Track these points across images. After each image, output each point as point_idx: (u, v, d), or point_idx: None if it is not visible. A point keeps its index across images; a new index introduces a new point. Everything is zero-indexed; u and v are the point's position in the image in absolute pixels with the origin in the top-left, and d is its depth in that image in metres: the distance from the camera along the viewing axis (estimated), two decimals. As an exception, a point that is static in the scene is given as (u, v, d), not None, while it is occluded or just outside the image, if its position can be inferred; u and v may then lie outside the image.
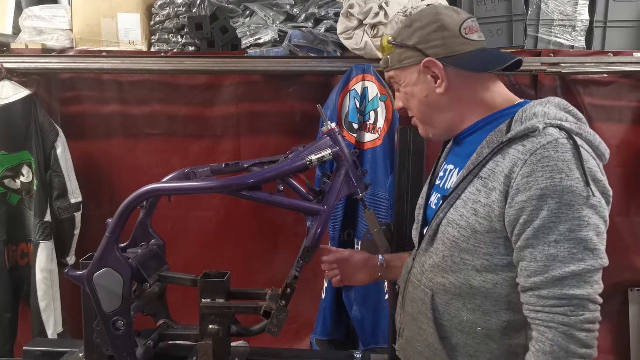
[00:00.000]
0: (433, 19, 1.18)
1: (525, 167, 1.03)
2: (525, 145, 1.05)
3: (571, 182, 1.00)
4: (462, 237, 1.12)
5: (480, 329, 1.14)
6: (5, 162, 2.41)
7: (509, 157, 1.07)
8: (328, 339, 2.41)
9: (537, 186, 1.01)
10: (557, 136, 1.04)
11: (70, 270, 1.48)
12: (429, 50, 1.17)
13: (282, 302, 1.49)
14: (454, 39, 1.17)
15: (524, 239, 1.04)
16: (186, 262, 2.34)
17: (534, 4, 2.38)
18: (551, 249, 1.00)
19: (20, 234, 2.49)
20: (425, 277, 1.23)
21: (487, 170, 1.10)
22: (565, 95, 2.47)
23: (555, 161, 1.01)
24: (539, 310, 1.03)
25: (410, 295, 1.29)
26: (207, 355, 1.47)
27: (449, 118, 1.23)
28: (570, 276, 1.00)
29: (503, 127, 1.13)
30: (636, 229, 2.51)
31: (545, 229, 1.01)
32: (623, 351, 2.57)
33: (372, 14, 2.18)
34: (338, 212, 2.28)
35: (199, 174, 1.66)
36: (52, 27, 2.49)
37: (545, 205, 1.00)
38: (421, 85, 1.20)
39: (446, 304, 1.18)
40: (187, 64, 2.40)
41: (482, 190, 1.10)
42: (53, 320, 2.43)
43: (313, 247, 1.45)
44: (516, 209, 1.04)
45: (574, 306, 1.00)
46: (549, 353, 1.00)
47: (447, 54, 1.16)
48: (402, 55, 1.21)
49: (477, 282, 1.13)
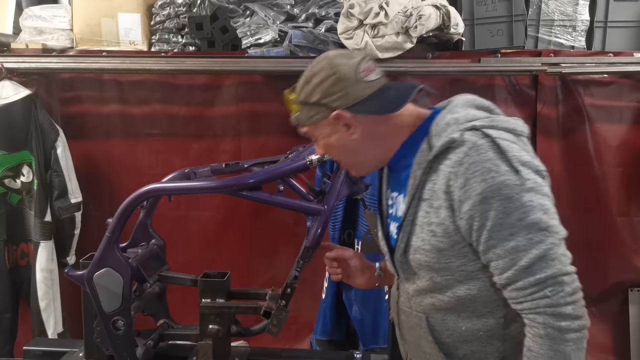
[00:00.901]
0: (330, 72, 1.16)
1: (458, 179, 1.06)
2: (450, 159, 1.09)
3: (502, 177, 1.04)
4: (432, 259, 1.15)
5: (482, 332, 1.16)
6: (5, 162, 2.41)
7: (442, 174, 1.10)
8: (328, 339, 2.41)
9: (474, 193, 1.05)
10: (474, 139, 1.08)
11: (70, 270, 1.48)
12: (334, 103, 1.16)
13: (282, 302, 1.49)
14: (354, 86, 1.16)
15: (484, 243, 1.07)
16: (186, 262, 2.34)
17: (534, 4, 2.38)
18: (510, 242, 1.04)
19: (20, 234, 2.49)
20: (414, 302, 1.25)
21: (427, 191, 1.13)
22: (566, 95, 2.47)
23: (481, 164, 1.05)
24: (522, 301, 1.06)
25: (406, 324, 1.30)
26: (207, 355, 1.47)
27: (372, 155, 1.24)
28: (537, 260, 1.03)
29: (424, 145, 1.15)
30: (636, 229, 2.51)
31: (498, 227, 1.04)
32: (623, 351, 2.57)
33: (373, 14, 2.18)
34: (338, 212, 2.28)
35: (199, 173, 1.66)
36: (52, 27, 2.49)
37: (489, 206, 1.04)
38: (336, 136, 1.21)
39: (442, 321, 1.20)
40: (188, 64, 2.40)
41: (431, 211, 1.13)
42: (53, 320, 2.43)
43: (313, 247, 1.45)
44: (465, 219, 1.07)
45: (551, 285, 1.02)
46: (544, 336, 1.03)
47: (351, 102, 1.16)
48: (309, 113, 1.21)
49: (462, 292, 1.15)
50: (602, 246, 2.52)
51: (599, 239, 2.51)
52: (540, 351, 1.04)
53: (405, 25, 2.20)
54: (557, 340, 1.02)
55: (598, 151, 2.47)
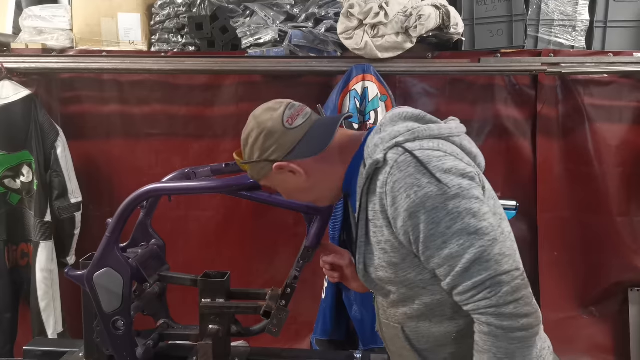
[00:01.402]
0: (259, 130, 1.25)
1: (387, 198, 1.11)
2: (380, 179, 1.13)
3: (424, 190, 1.06)
4: (391, 275, 1.19)
5: (455, 334, 1.20)
6: (5, 162, 2.41)
7: (376, 194, 1.14)
8: (328, 339, 2.41)
9: (402, 209, 1.08)
10: (395, 157, 1.11)
11: (70, 270, 1.48)
12: (272, 157, 1.24)
13: (282, 302, 1.49)
14: (284, 137, 1.23)
15: (422, 254, 1.11)
16: (186, 262, 2.34)
17: (534, 4, 2.38)
18: (444, 251, 1.07)
19: (20, 234, 2.49)
20: (389, 313, 1.29)
21: (370, 212, 1.18)
22: (566, 95, 2.47)
23: (403, 180, 1.08)
24: (465, 304, 1.09)
25: (387, 335, 1.35)
26: (207, 355, 1.47)
27: (326, 189, 1.30)
28: (470, 264, 1.05)
29: (362, 169, 1.20)
30: (636, 229, 2.51)
31: (430, 238, 1.07)
32: (623, 351, 2.57)
33: (372, 14, 2.18)
34: (338, 212, 2.28)
35: (199, 173, 1.66)
36: (52, 27, 2.49)
37: (418, 220, 1.07)
38: (287, 182, 1.27)
39: (415, 329, 1.24)
40: (187, 64, 2.40)
41: (376, 230, 1.17)
42: (53, 320, 2.43)
43: (313, 246, 1.45)
44: (402, 234, 1.11)
45: (489, 287, 1.05)
46: (488, 333, 1.06)
47: (286, 151, 1.23)
48: (256, 170, 1.29)
49: (428, 299, 1.18)
50: (602, 246, 2.52)
51: (599, 239, 2.51)
52: (484, 347, 1.07)
53: (405, 25, 2.20)
54: (501, 338, 1.05)
55: (598, 151, 2.47)
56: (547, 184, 2.50)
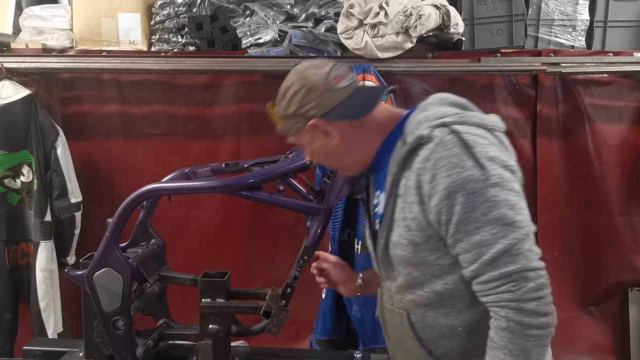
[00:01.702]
0: (301, 83, 1.23)
1: (426, 174, 1.09)
2: (420, 155, 1.12)
3: (467, 172, 1.05)
4: (410, 254, 1.17)
5: (460, 328, 1.18)
6: (5, 162, 2.41)
7: (413, 170, 1.13)
8: (328, 338, 2.41)
9: (440, 187, 1.07)
10: (441, 135, 1.10)
11: (70, 270, 1.48)
12: (309, 113, 1.22)
13: (282, 301, 1.49)
14: (326, 95, 1.21)
15: (451, 237, 1.09)
16: (186, 262, 2.34)
17: (534, 4, 2.38)
18: (475, 237, 1.05)
19: (20, 234, 2.49)
20: (395, 299, 1.27)
21: (402, 187, 1.16)
22: (566, 95, 2.47)
23: (447, 159, 1.07)
24: (486, 295, 1.07)
25: (389, 322, 1.33)
26: (207, 355, 1.47)
27: (354, 158, 1.29)
28: (500, 255, 1.04)
29: (400, 143, 1.19)
30: (636, 229, 2.51)
31: (463, 221, 1.06)
32: (623, 351, 2.57)
33: (372, 14, 2.18)
34: (338, 211, 2.28)
35: (199, 173, 1.66)
36: (52, 27, 2.49)
37: (455, 200, 1.06)
38: (317, 143, 1.25)
39: (422, 318, 1.22)
40: (187, 64, 2.40)
41: (405, 206, 1.15)
42: (53, 320, 2.43)
43: (313, 246, 1.45)
44: (434, 213, 1.09)
45: (514, 281, 1.03)
46: (505, 328, 1.04)
47: (324, 110, 1.21)
48: (289, 124, 1.26)
49: (440, 287, 1.17)
50: (602, 246, 2.51)
51: (599, 239, 2.51)
52: (500, 343, 1.05)
53: (405, 25, 2.20)
54: (518, 335, 1.03)
55: (598, 151, 2.46)
56: (547, 184, 2.50)
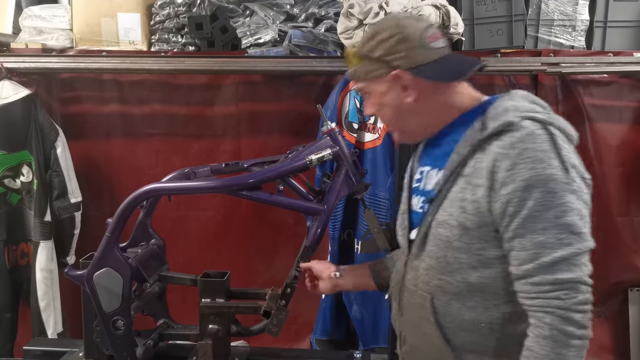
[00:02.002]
0: (395, 30, 1.18)
1: (507, 161, 1.06)
2: (503, 140, 1.08)
3: (552, 171, 1.03)
4: (454, 236, 1.14)
5: (484, 324, 1.15)
6: (5, 162, 2.41)
7: (490, 153, 1.09)
8: (328, 338, 2.41)
9: (520, 178, 1.04)
10: (532, 128, 1.08)
11: (70, 270, 1.48)
12: (395, 62, 1.18)
13: (282, 301, 1.49)
14: (417, 50, 1.17)
15: (513, 230, 1.06)
16: (186, 262, 2.34)
17: (534, 4, 2.38)
18: (539, 237, 1.03)
19: (20, 234, 2.49)
20: (421, 281, 1.23)
21: (469, 168, 1.13)
22: (566, 95, 2.47)
23: (534, 152, 1.05)
24: (533, 297, 1.05)
25: (408, 302, 1.29)
26: (206, 355, 1.47)
27: (421, 123, 1.25)
28: (560, 261, 1.03)
29: (477, 124, 1.15)
30: (636, 229, 2.51)
31: (532, 218, 1.04)
32: (623, 351, 2.56)
33: (372, 14, 2.18)
34: (338, 211, 2.28)
35: (199, 173, 1.66)
36: (52, 27, 2.49)
37: (530, 195, 1.03)
38: (390, 95, 1.21)
39: (446, 305, 1.19)
40: (187, 64, 2.40)
41: (468, 188, 1.12)
42: (53, 320, 2.43)
43: (313, 246, 1.45)
44: (502, 202, 1.06)
45: (567, 289, 1.03)
46: (548, 337, 1.03)
47: (412, 64, 1.17)
48: (369, 67, 1.22)
49: (473, 278, 1.14)
50: (602, 246, 2.51)
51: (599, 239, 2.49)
52: (541, 352, 1.03)
53: (405, 25, 2.20)
54: (560, 344, 1.02)
55: (598, 151, 2.46)
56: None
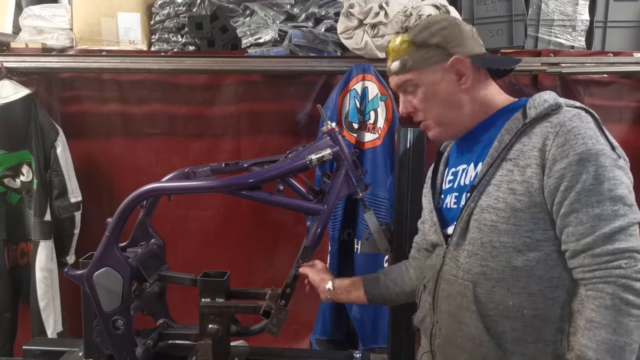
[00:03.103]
0: (451, 21, 1.27)
1: (558, 138, 1.11)
2: (551, 121, 1.14)
3: (602, 146, 1.09)
4: (501, 219, 1.15)
5: (527, 310, 1.16)
6: (5, 161, 2.41)
7: (537, 134, 1.14)
8: (328, 338, 2.41)
9: (573, 152, 1.08)
10: (577, 111, 1.15)
11: (70, 270, 1.48)
12: (453, 49, 1.24)
13: (282, 301, 1.49)
14: (470, 40, 1.26)
15: (567, 205, 1.09)
16: (186, 262, 2.34)
17: (534, 4, 2.38)
18: (595, 209, 1.06)
19: (19, 233, 2.49)
20: (462, 270, 1.23)
21: (514, 152, 1.16)
22: (566, 95, 2.47)
23: (584, 129, 1.10)
24: (594, 269, 1.07)
25: (445, 293, 1.29)
26: (206, 355, 1.47)
27: (464, 116, 1.29)
28: (618, 231, 1.05)
29: (518, 115, 1.20)
30: (636, 229, 2.51)
31: (587, 192, 1.07)
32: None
33: (372, 14, 2.18)
34: (338, 211, 2.28)
35: (199, 173, 1.66)
36: (52, 26, 2.49)
37: (584, 169, 1.07)
38: (445, 84, 1.26)
39: (489, 293, 1.19)
40: (187, 64, 2.40)
41: (515, 170, 1.15)
42: (52, 320, 2.43)
43: (313, 246, 1.45)
44: (556, 177, 1.10)
45: (627, 258, 1.05)
46: (610, 307, 1.04)
47: (468, 52, 1.25)
48: (425, 55, 1.26)
49: (519, 262, 1.15)
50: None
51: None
52: (603, 321, 1.05)
53: (405, 25, 2.20)
54: (623, 313, 1.04)
55: (598, 151, 2.46)
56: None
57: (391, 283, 1.58)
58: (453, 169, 1.34)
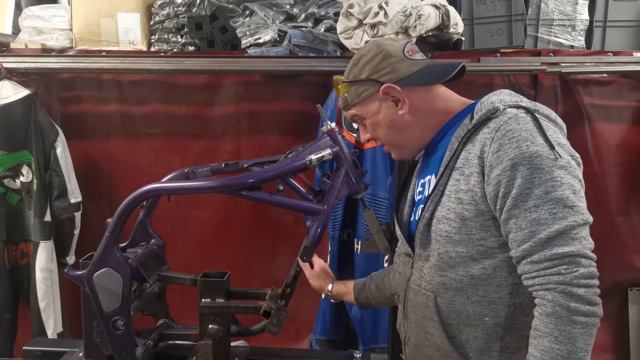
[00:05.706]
0: (377, 50, 1.26)
1: (493, 144, 1.09)
2: (489, 126, 1.12)
3: (537, 148, 1.05)
4: (454, 229, 1.15)
5: (488, 318, 1.16)
6: (4, 162, 2.41)
7: (478, 141, 1.13)
8: (328, 338, 2.41)
9: (506, 157, 1.06)
10: (516, 111, 1.11)
11: (70, 270, 1.48)
12: (382, 78, 1.24)
13: (282, 301, 1.49)
14: (401, 63, 1.25)
15: (506, 211, 1.07)
16: (186, 262, 2.35)
17: (533, 4, 2.38)
18: (532, 214, 1.04)
19: (19, 234, 2.49)
20: (425, 280, 1.25)
21: (461, 160, 1.15)
22: (565, 95, 2.47)
23: (518, 132, 1.07)
24: (534, 276, 1.05)
25: (412, 302, 1.30)
26: (206, 355, 1.47)
27: (416, 134, 1.30)
28: (556, 235, 1.02)
29: (467, 121, 1.19)
30: (636, 229, 2.51)
31: (523, 196, 1.04)
32: (623, 351, 2.57)
33: (372, 14, 2.18)
34: (338, 211, 2.28)
35: (199, 173, 1.66)
36: (51, 27, 2.49)
37: (518, 173, 1.04)
38: (384, 112, 1.27)
39: (450, 302, 1.19)
40: (187, 64, 2.40)
41: (461, 179, 1.14)
42: (53, 320, 2.43)
43: (313, 246, 1.45)
44: (493, 185, 1.08)
45: (567, 264, 1.02)
46: (551, 314, 1.01)
47: (399, 77, 1.24)
48: (358, 90, 1.28)
49: (476, 271, 1.15)
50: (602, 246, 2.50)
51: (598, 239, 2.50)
52: (545, 330, 1.02)
53: (405, 24, 2.20)
54: (564, 320, 1.01)
55: (598, 151, 2.46)
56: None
57: (374, 287, 1.63)
58: (422, 180, 1.34)
